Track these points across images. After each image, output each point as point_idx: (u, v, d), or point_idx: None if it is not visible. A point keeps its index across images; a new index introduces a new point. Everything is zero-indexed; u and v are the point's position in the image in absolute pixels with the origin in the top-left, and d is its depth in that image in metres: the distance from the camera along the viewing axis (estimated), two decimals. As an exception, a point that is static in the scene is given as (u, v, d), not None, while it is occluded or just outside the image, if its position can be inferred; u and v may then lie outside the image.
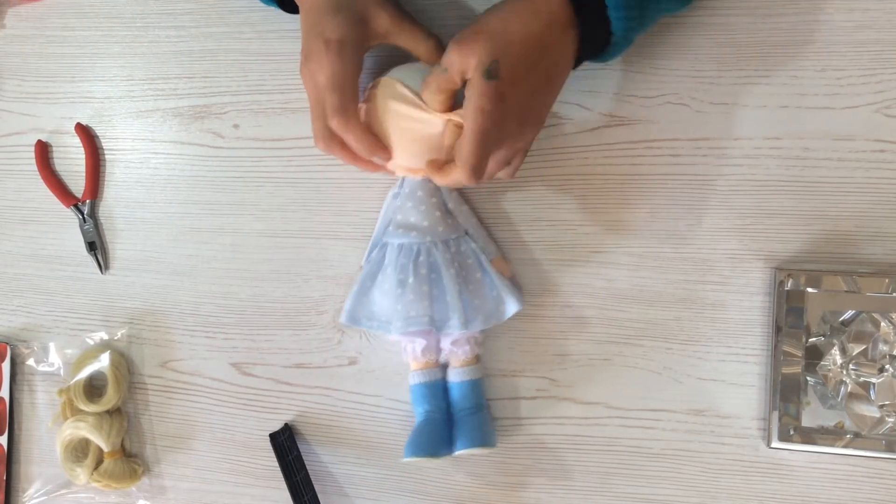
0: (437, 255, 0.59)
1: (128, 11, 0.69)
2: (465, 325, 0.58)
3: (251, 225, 0.68)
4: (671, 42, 0.61)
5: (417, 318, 0.58)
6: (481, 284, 0.60)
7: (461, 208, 0.62)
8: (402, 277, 0.59)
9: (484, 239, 0.62)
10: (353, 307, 0.61)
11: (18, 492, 0.73)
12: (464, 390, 0.61)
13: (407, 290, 0.58)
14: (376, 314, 0.61)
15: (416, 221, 0.60)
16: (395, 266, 0.59)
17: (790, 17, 0.59)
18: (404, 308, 0.58)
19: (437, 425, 0.61)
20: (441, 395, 0.62)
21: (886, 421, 0.57)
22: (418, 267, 0.59)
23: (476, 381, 0.62)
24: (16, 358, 0.72)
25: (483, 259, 0.61)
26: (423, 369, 0.62)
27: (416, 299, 0.58)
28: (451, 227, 0.61)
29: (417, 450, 0.59)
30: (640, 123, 0.61)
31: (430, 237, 0.59)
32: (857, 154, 0.59)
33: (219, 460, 0.69)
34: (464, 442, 0.59)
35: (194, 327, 0.69)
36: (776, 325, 0.59)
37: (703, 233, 0.61)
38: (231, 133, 0.68)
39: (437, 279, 0.59)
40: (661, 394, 0.62)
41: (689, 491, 0.62)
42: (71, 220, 0.71)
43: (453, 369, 0.62)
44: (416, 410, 0.62)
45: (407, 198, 0.60)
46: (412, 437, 0.60)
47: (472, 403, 0.61)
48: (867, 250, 0.59)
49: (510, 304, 0.60)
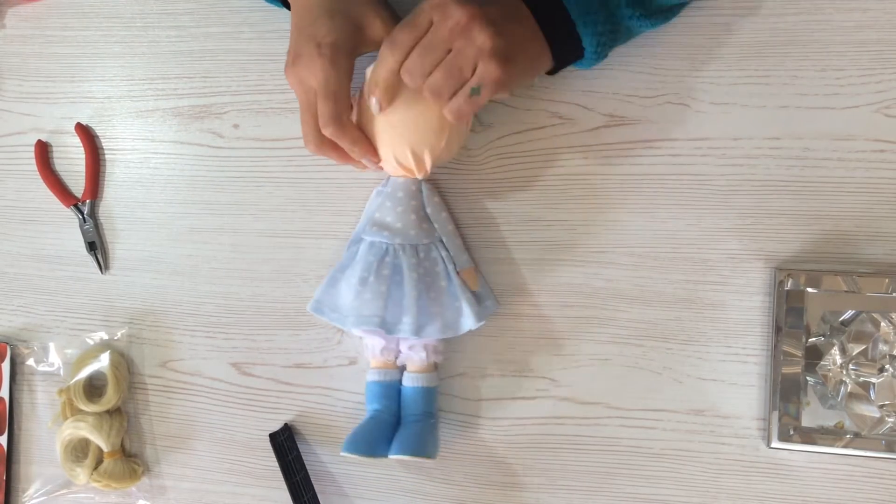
0: (402, 258, 0.59)
1: (128, 11, 0.69)
2: (417, 330, 0.59)
3: (251, 225, 0.68)
4: (671, 42, 0.61)
5: (370, 316, 0.59)
6: (443, 293, 0.60)
7: (440, 215, 0.62)
8: (365, 275, 0.59)
9: (456, 248, 0.62)
10: (320, 297, 0.62)
11: (18, 492, 0.73)
12: (414, 396, 0.61)
13: (366, 288, 0.59)
14: (339, 307, 0.62)
15: (391, 222, 0.60)
16: (362, 263, 0.60)
17: (790, 17, 0.59)
18: (359, 305, 0.59)
19: (381, 425, 0.61)
20: (394, 396, 0.62)
21: (886, 421, 0.57)
22: (382, 267, 0.59)
23: (428, 389, 0.62)
24: (16, 358, 0.72)
25: (450, 269, 0.61)
26: (380, 368, 0.62)
27: (372, 298, 0.59)
28: (424, 231, 0.61)
29: (354, 447, 0.59)
30: (640, 123, 0.61)
31: (399, 239, 0.60)
32: (857, 154, 0.59)
33: (219, 460, 0.69)
34: (399, 447, 0.59)
35: (194, 327, 0.69)
36: (776, 325, 0.59)
37: (703, 233, 0.61)
38: (231, 133, 0.68)
39: (399, 281, 0.59)
40: (661, 394, 0.62)
41: (689, 491, 0.62)
42: (71, 220, 0.71)
43: (408, 374, 0.62)
44: (367, 407, 0.63)
45: (388, 197, 0.61)
46: (353, 433, 0.60)
47: (420, 410, 0.61)
48: (867, 250, 0.59)
49: (467, 319, 0.60)
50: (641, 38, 0.60)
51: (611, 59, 0.61)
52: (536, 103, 0.63)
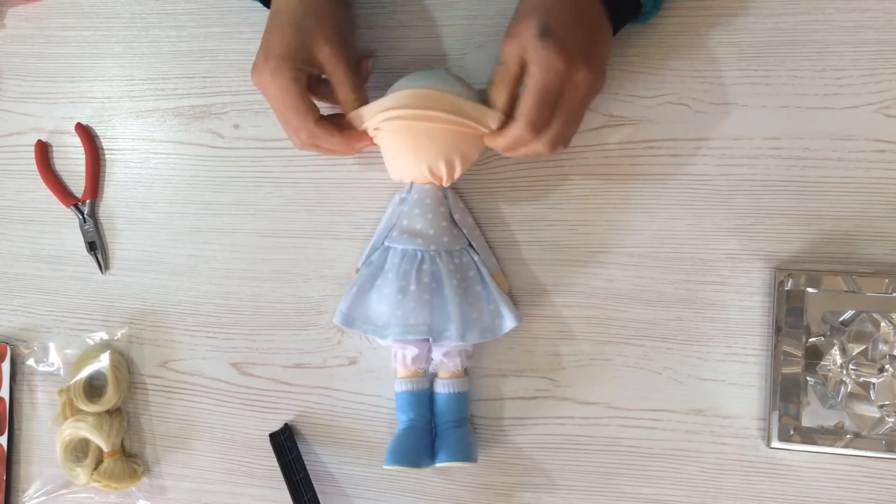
0: (440, 265, 0.59)
1: (128, 11, 0.69)
2: (462, 336, 0.58)
3: (251, 225, 0.68)
4: (671, 42, 0.61)
5: (416, 326, 0.58)
6: (480, 298, 0.60)
7: (466, 220, 0.62)
8: (404, 284, 0.58)
9: (486, 252, 0.62)
10: (350, 309, 0.61)
11: (18, 492, 0.73)
12: (450, 402, 0.61)
13: (408, 297, 0.58)
14: (372, 318, 0.61)
15: (423, 229, 0.59)
16: (396, 272, 0.59)
17: (790, 17, 0.59)
18: (404, 315, 0.58)
19: (419, 435, 0.61)
20: (426, 404, 0.62)
21: (886, 421, 0.57)
22: (421, 275, 0.58)
23: (462, 394, 0.62)
24: (16, 358, 0.72)
25: (484, 272, 0.61)
26: (410, 377, 0.62)
27: (417, 307, 0.58)
28: (455, 237, 0.61)
29: (400, 459, 0.59)
30: (640, 123, 0.61)
31: (434, 246, 0.59)
32: (857, 154, 0.59)
33: (219, 460, 0.69)
34: (446, 454, 0.59)
35: (194, 327, 0.69)
36: (776, 325, 0.59)
37: (703, 233, 0.61)
38: (231, 133, 0.68)
39: (437, 289, 0.59)
40: (661, 394, 0.62)
41: (689, 491, 0.62)
42: (71, 220, 0.71)
43: (441, 380, 0.62)
44: (399, 418, 0.62)
45: (415, 204, 0.60)
46: (394, 445, 0.60)
47: (456, 416, 0.61)
48: (867, 250, 0.59)
49: (508, 320, 0.60)
50: (642, 38, 0.60)
51: (611, 59, 0.61)
52: (536, 103, 0.63)
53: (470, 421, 0.64)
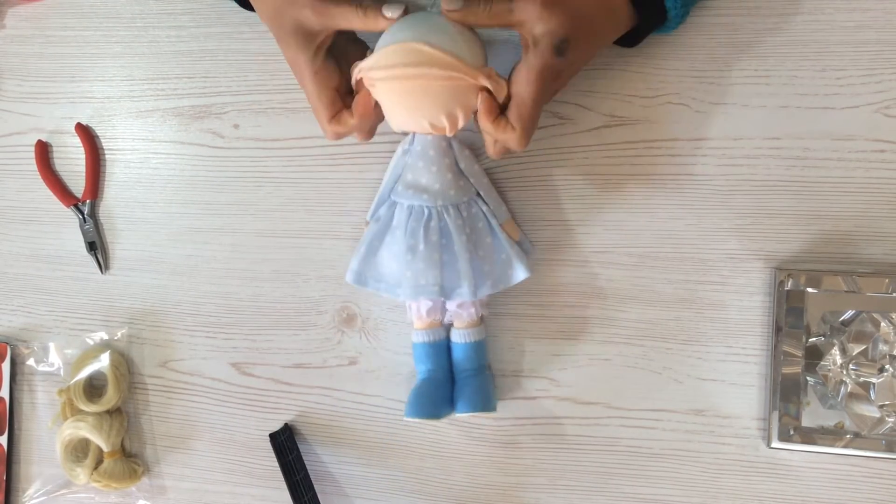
0: (448, 221, 0.57)
1: (128, 11, 0.69)
2: (474, 293, 0.58)
3: (251, 225, 0.68)
4: (671, 42, 0.61)
5: (427, 286, 0.57)
6: (491, 249, 0.59)
7: (473, 168, 0.60)
8: (413, 243, 0.57)
9: (495, 201, 0.61)
10: (361, 267, 0.60)
11: (18, 492, 0.73)
12: (467, 351, 0.61)
13: (417, 258, 0.57)
14: (384, 276, 0.60)
15: (428, 183, 0.58)
16: (404, 229, 0.58)
17: (790, 17, 0.59)
18: (413, 275, 0.57)
19: (438, 385, 0.60)
20: (444, 354, 0.61)
21: (886, 421, 0.57)
22: (429, 233, 0.57)
23: (479, 343, 0.61)
24: (16, 358, 0.72)
25: (493, 223, 0.59)
26: (427, 328, 0.61)
27: (427, 267, 0.57)
28: (462, 189, 0.59)
29: (420, 410, 0.58)
30: (640, 123, 0.61)
31: (441, 201, 0.58)
32: (857, 154, 0.59)
33: (219, 460, 0.69)
34: (465, 404, 0.59)
35: (194, 327, 0.69)
36: (776, 325, 0.59)
37: (703, 233, 0.61)
38: (231, 133, 0.68)
39: (447, 245, 0.57)
40: (661, 394, 0.62)
41: (689, 491, 0.62)
42: (71, 220, 0.71)
43: (457, 330, 0.61)
44: (418, 368, 0.62)
45: (418, 156, 0.58)
46: (413, 397, 0.59)
47: (474, 365, 0.61)
48: (867, 250, 0.59)
49: (519, 270, 0.59)
50: (641, 38, 0.61)
51: (611, 59, 0.61)
52: (536, 103, 0.63)
53: (489, 369, 0.63)
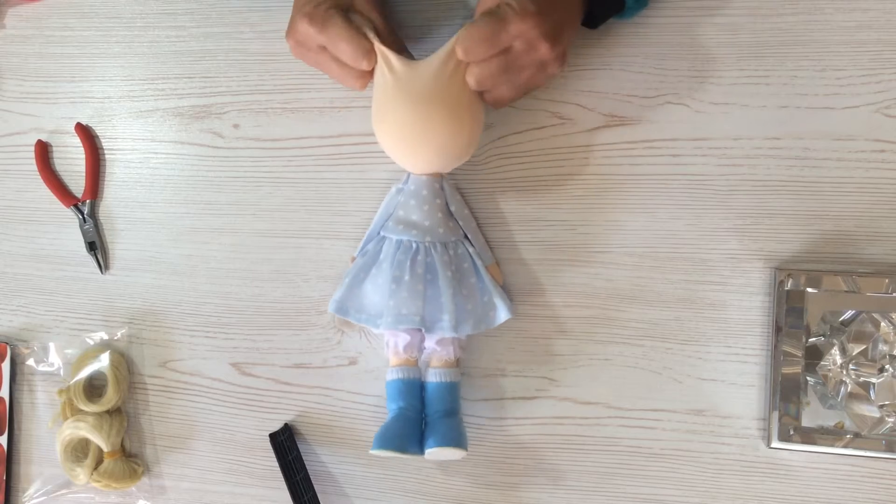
0: (434, 256, 0.59)
1: (128, 11, 0.69)
2: (455, 328, 0.58)
3: (251, 225, 0.68)
4: (671, 42, 0.61)
5: (409, 315, 0.58)
6: (475, 289, 0.60)
7: (462, 212, 0.62)
8: (398, 274, 0.58)
9: (481, 245, 0.62)
10: (343, 298, 0.61)
11: (18, 492, 0.73)
12: (441, 391, 0.61)
13: (401, 287, 0.58)
14: (366, 307, 0.61)
15: (418, 220, 0.60)
16: (391, 262, 0.59)
17: (790, 17, 0.59)
18: (396, 304, 0.58)
19: (409, 422, 0.60)
20: (417, 394, 0.61)
21: (886, 421, 0.57)
22: (415, 266, 0.59)
23: (454, 384, 0.61)
24: (16, 358, 0.72)
25: (479, 264, 0.61)
26: (401, 366, 0.61)
27: (410, 297, 0.58)
28: (451, 229, 0.61)
29: (386, 443, 0.58)
30: (640, 123, 0.61)
31: (429, 237, 0.59)
32: (857, 154, 0.59)
33: (219, 460, 0.69)
34: (436, 440, 0.58)
35: (194, 327, 0.69)
36: (776, 325, 0.59)
37: (702, 233, 0.61)
38: (231, 133, 0.68)
39: (432, 280, 0.59)
40: (661, 394, 0.62)
41: (689, 491, 0.62)
42: (71, 220, 0.71)
43: (433, 369, 0.61)
44: (389, 407, 0.61)
45: (411, 195, 0.60)
46: (382, 431, 0.59)
47: (447, 406, 0.60)
48: (867, 250, 0.59)
49: (501, 312, 0.60)
50: (642, 37, 0.60)
51: (611, 59, 0.61)
52: (536, 103, 0.63)
53: (460, 413, 0.62)
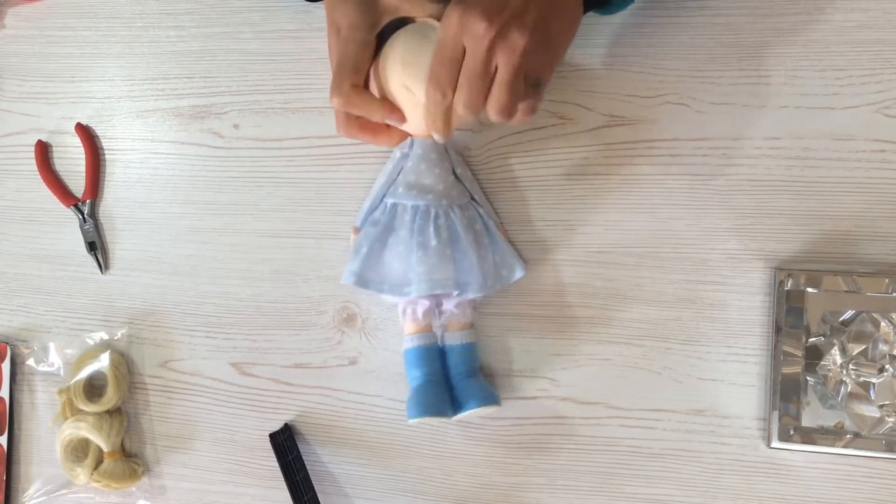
0: (454, 219, 0.59)
1: (128, 11, 0.69)
2: (483, 288, 0.59)
3: (251, 225, 0.68)
4: (671, 42, 0.61)
5: (442, 280, 0.57)
6: (488, 249, 0.61)
7: (467, 174, 0.62)
8: (422, 240, 0.58)
9: (488, 206, 0.63)
10: (362, 269, 0.59)
11: (18, 492, 0.73)
12: (463, 353, 0.61)
13: (429, 253, 0.57)
14: (388, 277, 0.60)
15: (431, 184, 0.59)
16: (409, 229, 0.58)
17: (790, 17, 0.59)
18: (427, 270, 0.57)
19: (437, 387, 0.60)
20: (437, 358, 0.61)
21: (886, 421, 0.57)
22: (440, 230, 0.58)
23: (473, 345, 0.62)
24: (16, 358, 0.72)
25: (490, 224, 0.61)
26: (419, 333, 0.61)
27: (440, 262, 0.57)
28: (461, 192, 0.61)
29: (425, 409, 0.58)
30: (640, 123, 0.61)
31: (445, 200, 0.59)
32: (857, 154, 0.59)
33: (219, 460, 0.69)
34: (474, 401, 0.58)
35: (194, 327, 0.69)
36: (776, 325, 0.59)
37: (702, 233, 0.61)
38: (231, 133, 0.68)
39: (455, 242, 0.59)
40: (661, 394, 0.62)
41: (689, 491, 0.62)
42: (71, 220, 0.71)
43: (451, 333, 0.61)
44: (411, 375, 0.61)
45: (420, 159, 0.59)
46: (414, 398, 0.59)
47: (469, 367, 0.61)
48: (867, 250, 0.59)
49: (517, 269, 0.61)
50: (641, 37, 0.60)
51: (611, 59, 0.61)
52: (536, 103, 0.63)
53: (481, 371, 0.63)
